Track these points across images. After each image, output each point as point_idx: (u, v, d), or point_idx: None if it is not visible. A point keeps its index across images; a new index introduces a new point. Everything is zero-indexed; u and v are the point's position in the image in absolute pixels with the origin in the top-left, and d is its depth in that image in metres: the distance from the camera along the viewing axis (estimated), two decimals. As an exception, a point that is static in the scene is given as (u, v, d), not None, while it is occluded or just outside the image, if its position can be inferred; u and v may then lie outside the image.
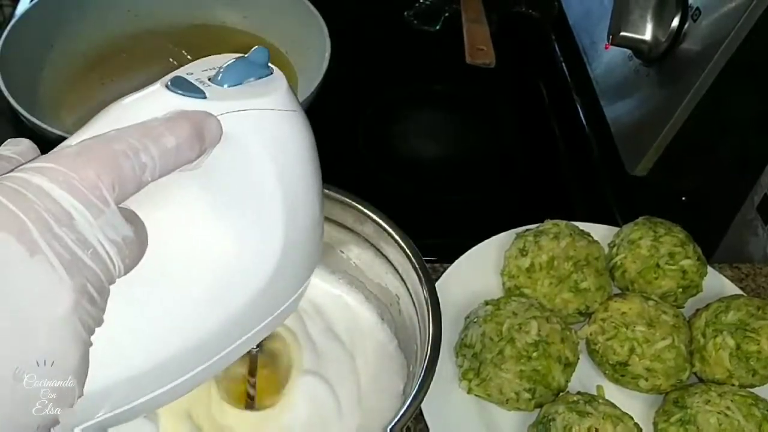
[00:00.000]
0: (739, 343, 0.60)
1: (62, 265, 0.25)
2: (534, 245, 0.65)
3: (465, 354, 0.60)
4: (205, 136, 0.30)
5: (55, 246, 0.25)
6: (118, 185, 0.27)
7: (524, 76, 1.00)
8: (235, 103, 0.31)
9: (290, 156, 0.33)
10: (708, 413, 0.55)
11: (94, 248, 0.26)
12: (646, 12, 0.75)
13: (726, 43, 0.68)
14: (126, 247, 0.27)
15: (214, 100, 0.31)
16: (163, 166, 0.28)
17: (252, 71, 0.33)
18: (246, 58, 0.33)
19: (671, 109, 0.74)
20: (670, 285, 0.65)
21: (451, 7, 1.05)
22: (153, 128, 0.29)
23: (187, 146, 0.29)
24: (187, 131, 0.29)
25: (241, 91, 0.32)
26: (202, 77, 0.32)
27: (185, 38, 0.87)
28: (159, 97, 0.31)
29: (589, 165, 0.89)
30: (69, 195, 0.25)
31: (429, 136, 0.92)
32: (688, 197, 0.82)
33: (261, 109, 0.32)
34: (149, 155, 0.28)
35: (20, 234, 0.24)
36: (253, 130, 0.32)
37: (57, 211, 0.25)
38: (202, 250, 0.32)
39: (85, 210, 0.26)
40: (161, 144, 0.28)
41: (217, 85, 0.32)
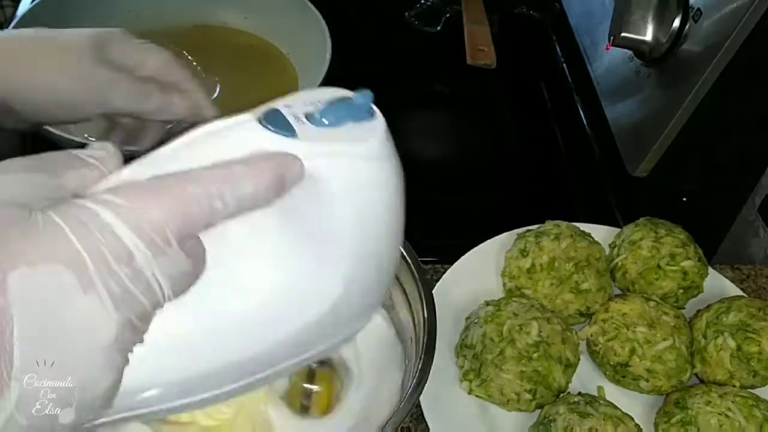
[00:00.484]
0: (740, 344, 0.60)
1: (111, 301, 0.25)
2: (535, 246, 0.65)
3: (466, 355, 0.60)
4: (285, 183, 0.29)
5: (109, 283, 0.25)
6: (185, 228, 0.27)
7: (525, 77, 1.00)
8: (326, 147, 0.30)
9: (370, 208, 0.32)
10: (709, 414, 0.55)
11: (147, 283, 0.26)
12: (647, 13, 0.75)
13: (727, 43, 0.68)
14: (180, 280, 0.27)
15: (304, 140, 0.30)
16: (236, 211, 0.28)
17: (353, 114, 0.31)
18: (349, 98, 0.32)
19: (672, 109, 0.74)
20: (671, 286, 0.65)
21: (452, 8, 1.05)
22: (232, 173, 0.28)
23: (263, 193, 0.28)
24: (267, 179, 0.28)
25: (335, 133, 0.31)
26: (299, 112, 0.31)
27: (186, 39, 0.87)
28: (249, 130, 0.30)
29: (590, 166, 0.89)
30: (134, 235, 0.25)
31: (430, 137, 0.92)
32: (689, 198, 0.82)
33: (351, 156, 0.31)
34: (224, 202, 0.27)
35: (77, 269, 0.24)
36: (338, 175, 0.31)
37: (118, 250, 0.25)
38: (258, 276, 0.31)
39: (147, 250, 0.26)
40: (238, 191, 0.28)
41: (312, 124, 0.31)
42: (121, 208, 0.26)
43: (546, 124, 0.94)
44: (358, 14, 1.01)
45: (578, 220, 0.70)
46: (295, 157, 0.29)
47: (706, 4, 0.71)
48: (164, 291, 0.27)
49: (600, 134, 0.88)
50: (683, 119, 0.73)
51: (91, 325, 0.25)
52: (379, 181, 0.32)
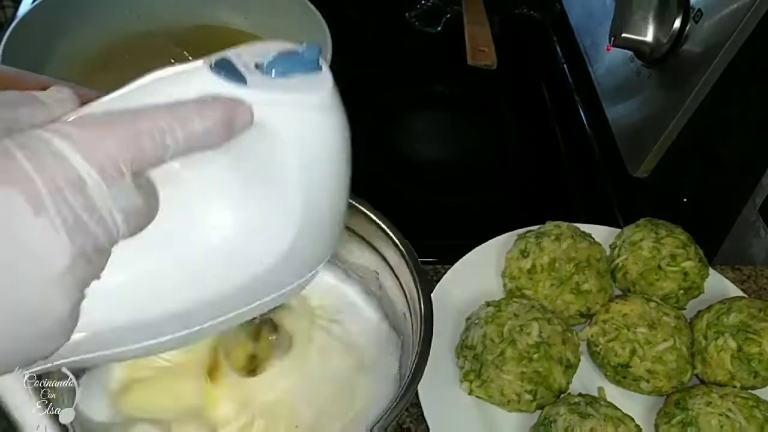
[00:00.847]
0: (741, 345, 0.60)
1: (65, 228, 0.25)
2: (535, 247, 0.65)
3: (466, 355, 0.60)
4: (234, 125, 0.30)
5: (62, 209, 0.25)
6: (137, 161, 0.27)
7: (526, 78, 1.00)
8: (274, 95, 0.31)
9: (318, 154, 0.33)
10: (709, 415, 0.55)
11: (100, 214, 0.26)
12: (648, 13, 0.75)
13: (728, 44, 0.68)
14: (134, 215, 0.28)
15: (254, 88, 0.31)
16: (186, 149, 0.29)
17: (300, 65, 0.32)
18: (297, 51, 0.33)
19: (673, 110, 0.74)
20: (671, 286, 0.65)
21: (452, 8, 1.05)
22: (182, 110, 0.29)
23: (214, 133, 0.29)
24: (217, 119, 0.29)
25: (284, 83, 0.32)
26: (249, 62, 0.32)
27: (187, 39, 0.87)
28: (199, 75, 0.31)
29: (591, 166, 0.89)
30: (86, 163, 0.26)
31: (430, 138, 0.92)
32: (690, 199, 0.82)
33: (298, 105, 0.32)
34: (174, 138, 0.28)
35: (28, 192, 0.25)
36: (287, 125, 0.32)
37: (71, 176, 0.25)
38: (213, 219, 0.32)
39: (100, 178, 0.26)
40: (188, 128, 0.28)
41: (262, 73, 0.32)
42: (74, 137, 0.26)
43: (546, 125, 0.94)
44: (359, 15, 1.02)
45: (579, 220, 0.70)
46: (243, 102, 0.30)
47: (706, 4, 0.71)
48: (118, 225, 0.27)
49: (600, 135, 0.88)
50: (684, 120, 0.73)
51: (44, 248, 0.25)
52: (325, 130, 0.33)
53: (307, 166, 0.33)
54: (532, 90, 0.99)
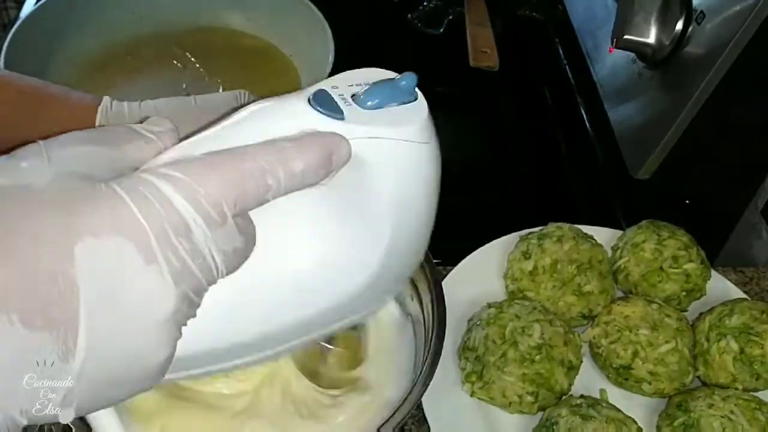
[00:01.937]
0: (743, 347, 0.60)
1: (171, 275, 0.26)
2: (537, 248, 0.65)
3: (468, 357, 0.60)
4: (333, 162, 0.30)
5: (169, 256, 0.26)
6: (240, 203, 0.27)
7: (528, 79, 1.00)
8: (372, 129, 0.31)
9: (411, 187, 0.33)
10: (711, 417, 0.55)
11: (203, 258, 0.27)
12: (650, 15, 0.75)
13: (730, 46, 0.67)
14: (233, 256, 0.28)
15: (351, 122, 0.31)
16: (287, 188, 0.29)
17: (397, 96, 0.33)
18: (394, 81, 0.33)
19: (675, 112, 0.74)
20: (673, 288, 0.65)
21: (454, 10, 1.05)
22: (284, 151, 0.29)
23: (313, 171, 0.29)
24: (317, 157, 0.29)
25: (380, 116, 0.32)
26: (345, 93, 0.32)
27: (189, 40, 0.87)
28: (298, 110, 0.31)
29: (593, 168, 0.89)
30: (192, 208, 0.26)
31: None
32: (692, 200, 0.82)
33: (395, 139, 0.32)
34: (276, 178, 0.28)
35: (139, 242, 0.25)
36: (383, 157, 0.32)
37: (177, 223, 0.26)
38: (308, 248, 0.32)
39: (204, 223, 0.26)
40: (289, 168, 0.28)
41: (358, 105, 0.32)
42: (180, 182, 0.26)
43: (549, 127, 0.94)
44: (361, 16, 1.02)
45: (581, 222, 0.70)
46: (342, 137, 0.30)
47: (709, 6, 0.71)
48: (218, 267, 0.27)
49: (602, 136, 0.88)
50: (686, 122, 0.73)
51: (152, 297, 0.25)
52: (419, 163, 0.33)
53: (399, 199, 0.33)
54: (534, 91, 0.99)
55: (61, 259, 0.24)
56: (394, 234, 0.34)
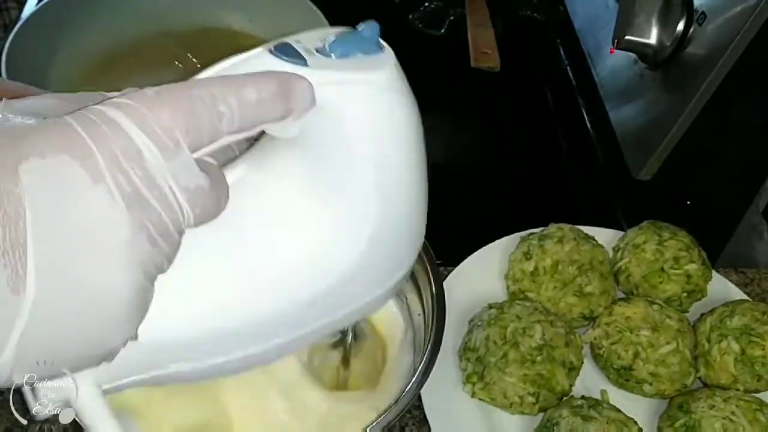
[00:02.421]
0: (744, 348, 0.60)
1: (122, 198, 0.25)
2: (538, 249, 0.65)
3: (469, 358, 0.60)
4: (291, 97, 0.29)
5: (119, 179, 0.25)
6: (192, 130, 0.26)
7: (529, 80, 1.00)
8: (337, 74, 0.30)
9: (388, 137, 0.31)
10: (712, 418, 0.55)
11: (160, 189, 0.25)
12: (651, 16, 0.75)
13: (731, 47, 0.67)
14: (198, 197, 0.27)
15: (314, 68, 0.30)
16: (242, 118, 0.28)
17: (361, 45, 0.31)
18: (357, 31, 0.32)
19: (676, 113, 0.74)
20: (674, 289, 0.65)
21: (456, 10, 1.05)
22: (235, 80, 0.28)
23: (269, 103, 0.28)
24: (271, 88, 0.28)
25: (345, 64, 0.31)
26: (309, 46, 0.31)
27: (191, 41, 0.87)
28: (260, 59, 0.30)
29: (594, 169, 0.89)
30: (142, 132, 0.25)
31: (433, 140, 0.92)
32: (693, 201, 0.82)
33: (363, 83, 0.30)
34: (227, 105, 0.27)
35: (85, 160, 0.24)
36: (352, 103, 0.30)
37: (127, 146, 0.25)
38: (293, 219, 0.31)
39: (157, 150, 0.25)
40: (241, 96, 0.28)
41: (322, 56, 0.31)
42: (128, 107, 0.26)
43: (550, 127, 0.94)
44: (362, 16, 1.02)
45: (582, 223, 0.70)
46: (302, 77, 0.29)
47: (710, 7, 0.71)
48: (182, 206, 0.26)
49: (604, 137, 0.88)
50: (687, 122, 0.73)
51: (102, 218, 0.24)
52: (395, 113, 0.32)
53: (380, 150, 0.31)
54: (535, 92, 0.99)
55: (5, 179, 0.23)
56: (381, 195, 0.31)
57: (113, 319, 0.26)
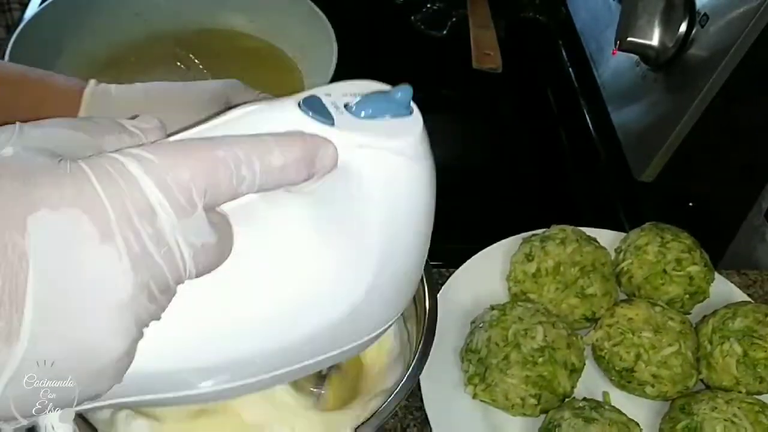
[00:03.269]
0: (747, 350, 0.60)
1: (129, 258, 0.24)
2: (540, 250, 0.65)
3: (470, 359, 0.60)
4: (316, 163, 0.28)
5: (129, 238, 0.24)
6: (210, 192, 0.26)
7: (531, 82, 1.00)
8: (362, 138, 0.30)
9: (402, 205, 0.32)
10: (715, 420, 0.55)
11: (168, 247, 0.25)
12: (654, 17, 0.75)
13: (734, 48, 0.67)
14: (203, 253, 0.26)
15: (341, 129, 0.30)
16: (263, 182, 0.27)
17: (391, 108, 0.31)
18: (389, 93, 0.32)
19: (679, 114, 0.73)
20: (676, 291, 0.65)
21: (458, 12, 1.05)
22: (262, 143, 0.27)
23: (293, 168, 0.28)
24: (297, 153, 0.28)
25: (372, 126, 0.30)
26: (338, 102, 0.31)
27: (193, 42, 0.87)
28: (286, 112, 0.30)
29: (596, 170, 0.89)
30: (159, 191, 0.25)
31: (435, 141, 0.92)
32: (696, 203, 0.82)
33: (385, 150, 0.30)
34: (251, 170, 0.27)
35: (97, 216, 0.24)
36: (373, 169, 0.30)
37: (142, 204, 0.24)
38: (295, 258, 0.30)
39: (171, 209, 0.25)
40: (266, 161, 0.27)
41: (350, 114, 0.31)
42: (148, 162, 0.25)
43: (552, 129, 0.94)
44: (364, 18, 1.02)
45: (584, 224, 0.70)
46: (328, 140, 0.29)
47: (712, 9, 0.71)
48: (186, 262, 0.26)
49: (606, 139, 0.88)
50: (690, 124, 0.73)
51: (107, 278, 0.24)
52: (412, 180, 0.32)
53: (390, 215, 0.31)
54: (537, 94, 0.99)
55: (12, 230, 0.23)
56: (383, 254, 0.31)
57: (104, 372, 0.25)
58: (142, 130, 0.30)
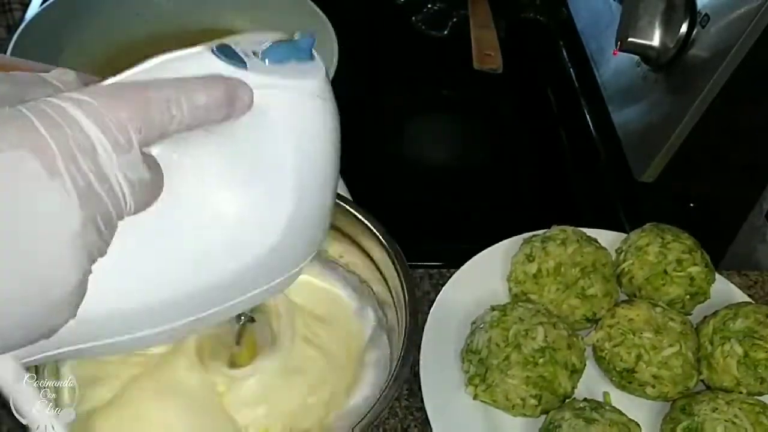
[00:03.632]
0: (747, 351, 0.60)
1: (76, 193, 0.26)
2: (541, 251, 0.65)
3: (471, 359, 0.60)
4: (235, 103, 0.31)
5: (74, 174, 0.26)
6: (144, 130, 0.28)
7: (531, 82, 1.00)
8: (272, 80, 0.33)
9: (311, 141, 0.34)
10: (715, 421, 0.55)
11: (110, 183, 0.27)
12: (655, 18, 0.75)
13: (735, 49, 0.67)
14: (140, 189, 0.28)
15: (253, 72, 0.32)
16: (190, 120, 0.30)
17: (295, 54, 0.34)
18: (293, 41, 0.35)
19: (679, 115, 0.73)
20: (677, 292, 0.65)
21: (458, 12, 1.05)
22: (189, 83, 0.30)
23: (215, 107, 0.30)
24: (220, 94, 0.30)
25: (280, 70, 0.33)
26: (247, 49, 0.34)
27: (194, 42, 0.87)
28: (202, 58, 0.33)
29: (597, 171, 0.89)
30: (98, 130, 0.26)
31: (436, 142, 0.92)
32: (696, 204, 0.82)
33: (293, 89, 0.33)
34: (179, 108, 0.29)
35: (43, 155, 0.25)
36: (281, 107, 0.33)
37: (84, 143, 0.26)
38: (211, 206, 0.33)
39: (110, 147, 0.27)
40: (193, 100, 0.29)
41: (259, 60, 0.33)
42: (87, 105, 0.27)
43: (552, 129, 0.94)
44: (365, 18, 1.02)
45: (584, 225, 0.70)
46: (245, 83, 0.32)
47: (713, 9, 0.71)
48: (126, 197, 0.28)
49: (607, 139, 0.88)
50: (690, 125, 0.73)
51: (56, 213, 0.25)
52: (319, 118, 0.35)
53: (301, 152, 0.34)
54: (538, 94, 0.99)
55: None
56: (297, 190, 0.34)
57: (58, 305, 0.27)
58: (62, 82, 0.32)
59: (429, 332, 0.62)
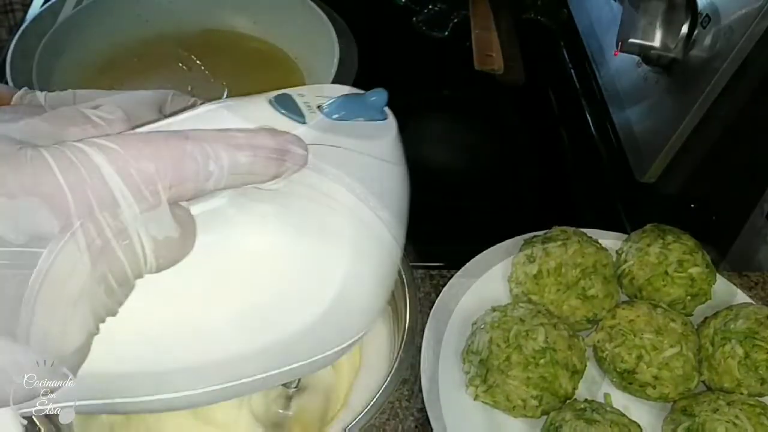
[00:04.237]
0: (748, 352, 0.59)
1: (89, 250, 0.24)
2: (542, 252, 0.65)
3: (472, 360, 0.60)
4: (286, 161, 0.28)
5: (89, 230, 0.24)
6: (176, 186, 0.25)
7: (532, 83, 1.00)
8: (333, 137, 0.29)
9: (372, 207, 0.31)
10: (716, 422, 0.55)
11: (130, 240, 0.24)
12: (656, 19, 0.75)
13: (736, 49, 0.67)
14: (165, 246, 0.25)
15: (313, 128, 0.29)
16: (231, 179, 0.26)
17: (365, 111, 0.31)
18: (363, 95, 0.32)
19: (680, 116, 0.73)
20: (678, 293, 0.65)
21: (459, 13, 1.05)
22: (231, 138, 0.26)
23: (262, 166, 0.27)
24: (267, 151, 0.27)
25: (345, 128, 0.30)
26: (311, 102, 0.30)
27: (195, 43, 0.88)
28: (258, 109, 0.29)
29: (598, 172, 0.89)
30: (122, 182, 0.24)
31: (437, 142, 0.92)
32: (697, 205, 0.82)
33: (357, 151, 0.30)
34: (219, 165, 0.26)
35: (56, 205, 0.23)
36: (344, 169, 0.29)
37: (103, 195, 0.24)
38: (257, 267, 0.29)
39: (133, 200, 0.24)
40: (235, 157, 0.26)
41: (322, 115, 0.30)
42: (112, 152, 0.24)
43: (553, 130, 0.94)
44: (366, 19, 1.02)
45: (585, 226, 0.70)
46: (299, 138, 0.28)
47: (714, 10, 0.71)
48: (147, 255, 0.25)
49: (608, 140, 0.88)
50: (691, 125, 0.73)
51: (65, 270, 0.23)
52: (384, 182, 0.31)
53: (359, 216, 0.30)
54: (538, 95, 0.99)
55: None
56: (354, 259, 0.30)
57: (56, 366, 0.24)
58: (106, 121, 0.29)
59: (429, 333, 0.62)
